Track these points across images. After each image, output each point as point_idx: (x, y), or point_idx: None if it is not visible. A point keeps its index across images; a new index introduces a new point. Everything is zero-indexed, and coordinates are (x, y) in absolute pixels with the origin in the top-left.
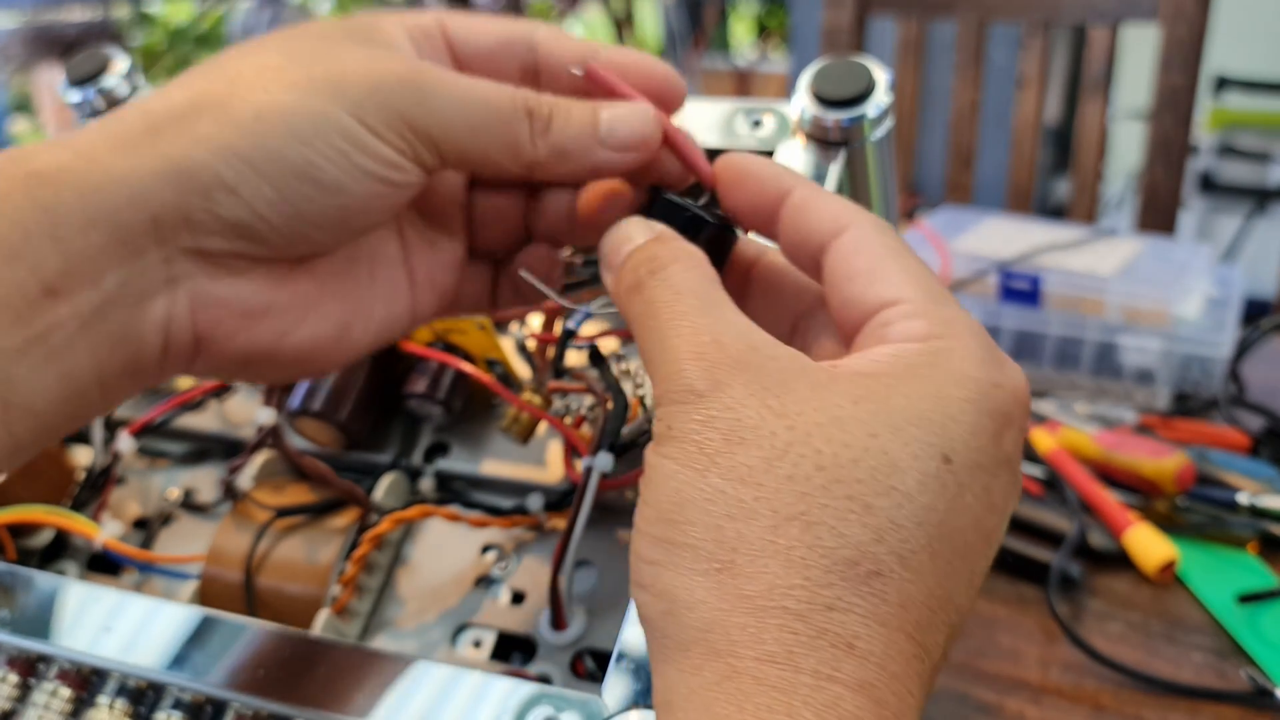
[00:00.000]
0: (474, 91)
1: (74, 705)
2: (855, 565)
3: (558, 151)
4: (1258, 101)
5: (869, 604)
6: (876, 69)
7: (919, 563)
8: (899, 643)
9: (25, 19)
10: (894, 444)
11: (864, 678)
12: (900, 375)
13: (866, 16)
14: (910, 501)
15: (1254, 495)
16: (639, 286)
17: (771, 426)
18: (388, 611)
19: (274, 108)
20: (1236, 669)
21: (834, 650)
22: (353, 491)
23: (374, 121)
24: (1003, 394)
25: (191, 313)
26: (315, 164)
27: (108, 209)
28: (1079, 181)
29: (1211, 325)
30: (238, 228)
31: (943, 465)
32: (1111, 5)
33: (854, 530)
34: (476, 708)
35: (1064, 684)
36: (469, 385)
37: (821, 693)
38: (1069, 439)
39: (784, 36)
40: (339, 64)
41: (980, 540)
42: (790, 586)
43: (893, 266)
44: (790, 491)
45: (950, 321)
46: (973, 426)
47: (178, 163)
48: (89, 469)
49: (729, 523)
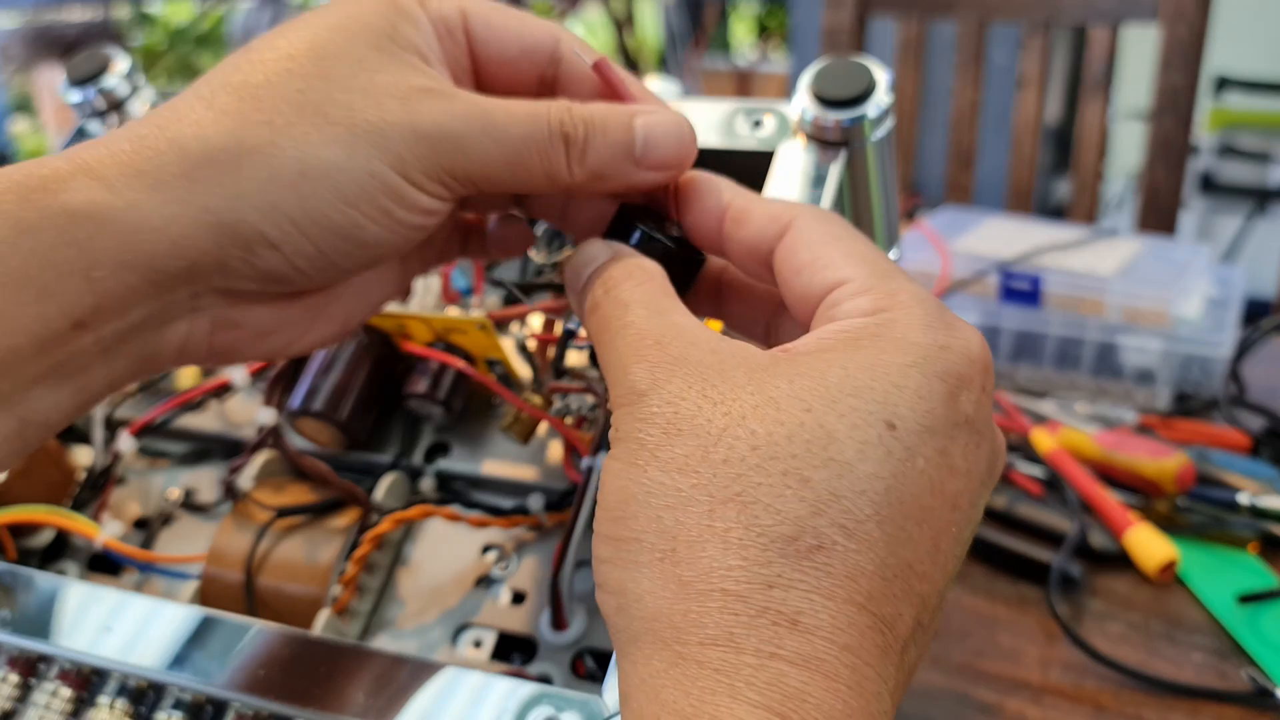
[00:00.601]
0: (511, 128)
1: (74, 705)
2: (794, 540)
3: (594, 175)
4: (1258, 102)
5: (812, 578)
6: (877, 69)
7: (865, 533)
8: (849, 615)
9: (25, 19)
10: (829, 416)
11: (810, 652)
12: (841, 349)
13: (867, 16)
14: (850, 471)
15: (1254, 495)
16: (595, 306)
17: (707, 414)
18: (388, 611)
19: (319, 166)
20: (1237, 669)
21: (776, 628)
22: (353, 491)
23: (417, 175)
24: (951, 355)
25: (210, 334)
26: (360, 225)
27: (145, 255)
28: (1079, 182)
29: (1212, 325)
30: (270, 275)
31: (886, 432)
32: (1112, 5)
33: (791, 505)
34: (477, 708)
35: (1064, 684)
36: (469, 385)
37: (764, 671)
38: (1069, 439)
39: (784, 37)
40: (378, 109)
41: (943, 505)
42: (728, 568)
43: (835, 251)
44: (726, 474)
45: (895, 293)
46: (919, 391)
47: (220, 216)
48: (89, 469)
49: (668, 512)
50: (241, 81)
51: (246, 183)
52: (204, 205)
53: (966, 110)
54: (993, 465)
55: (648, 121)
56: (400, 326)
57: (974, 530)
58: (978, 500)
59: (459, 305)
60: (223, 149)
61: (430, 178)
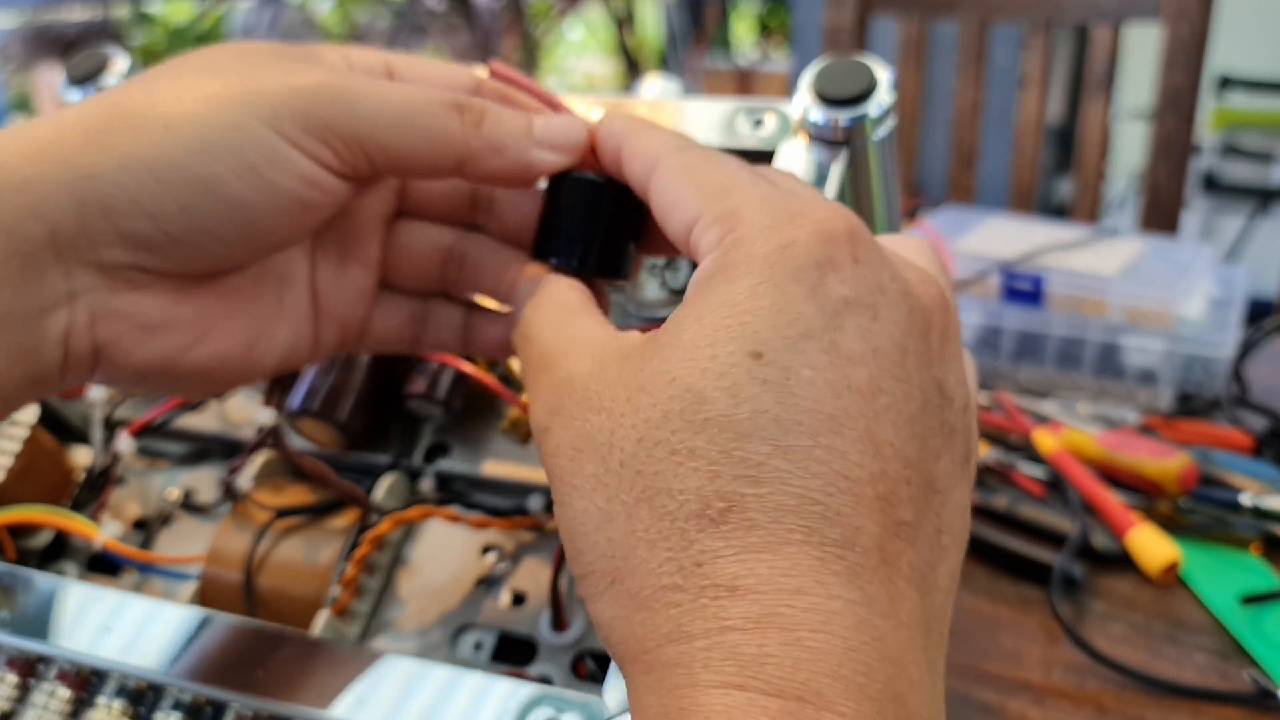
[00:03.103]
0: (402, 91)
1: (74, 706)
2: (704, 513)
3: (492, 145)
4: (1261, 101)
5: (737, 540)
6: (878, 68)
7: (773, 470)
8: (790, 557)
9: (25, 19)
10: (692, 376)
11: (759, 613)
12: (694, 299)
13: (868, 16)
14: (730, 422)
15: (1257, 496)
16: (519, 324)
17: (596, 425)
18: (388, 612)
19: (184, 119)
20: (1239, 670)
21: (718, 602)
22: (353, 492)
23: (291, 131)
24: (801, 247)
25: (90, 325)
26: (220, 178)
27: (6, 218)
28: (1081, 181)
29: (1214, 325)
30: (137, 239)
31: (754, 364)
32: (1114, 4)
33: (689, 480)
34: (477, 709)
35: (1066, 685)
36: (469, 385)
37: (718, 649)
38: (1071, 439)
39: (785, 36)
40: (257, 77)
41: (857, 399)
42: (660, 564)
43: (685, 185)
44: (627, 477)
45: (734, 211)
46: (775, 303)
47: (77, 170)
48: (89, 469)
49: (598, 534)
50: (137, 78)
51: (111, 140)
52: (64, 160)
53: (968, 110)
54: (911, 314)
55: (547, 116)
56: None
57: (935, 392)
58: (905, 365)
59: None
60: (97, 114)
61: (308, 134)
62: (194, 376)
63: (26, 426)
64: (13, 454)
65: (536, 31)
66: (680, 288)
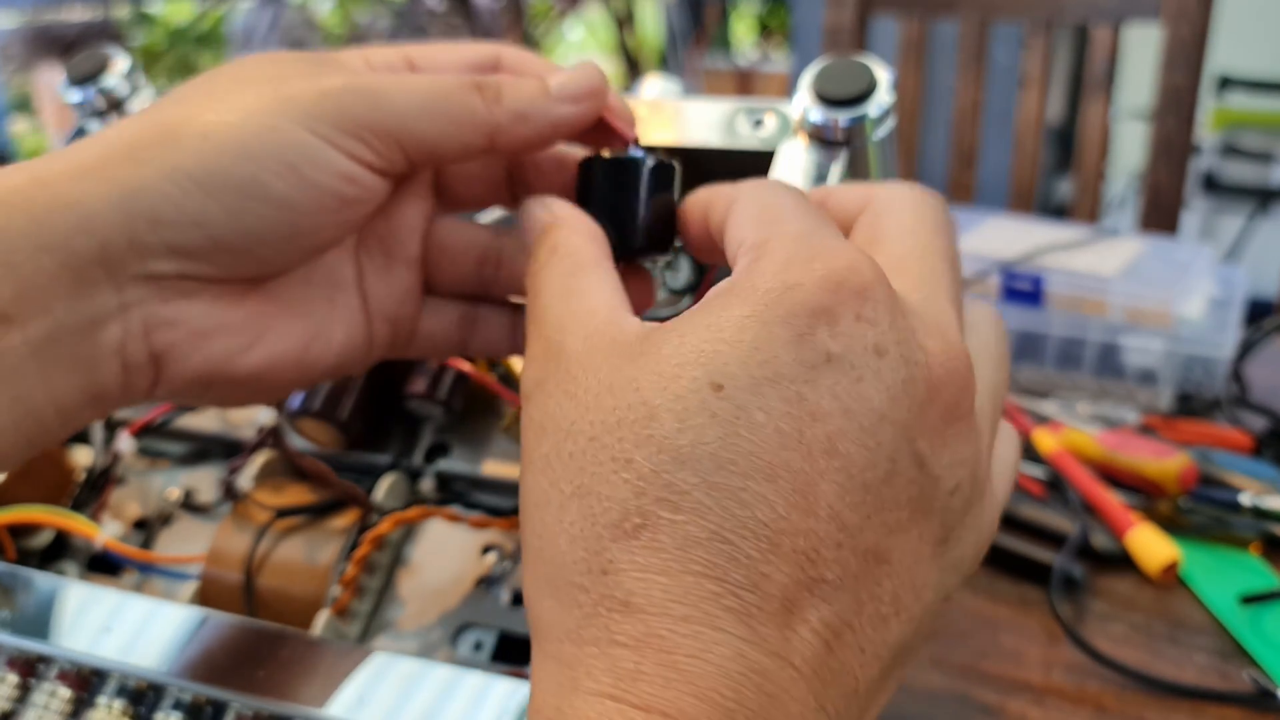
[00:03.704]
0: (422, 81)
1: (74, 706)
2: (621, 524)
3: (516, 114)
4: (1261, 101)
5: (641, 558)
6: (878, 68)
7: (694, 502)
8: (685, 585)
9: (25, 19)
10: (653, 391)
11: (644, 631)
12: (688, 316)
13: (868, 16)
14: (669, 444)
15: (1257, 496)
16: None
17: (564, 409)
18: (388, 612)
19: (221, 127)
20: (1239, 670)
21: (611, 614)
22: (353, 492)
23: (327, 130)
24: (803, 291)
25: (145, 335)
26: (262, 180)
27: (58, 235)
28: (1081, 181)
29: (1214, 325)
30: (185, 249)
31: (711, 395)
32: (1114, 4)
33: (618, 490)
34: (477, 709)
35: (1066, 685)
36: (469, 385)
37: (602, 659)
38: (1071, 439)
39: (785, 36)
40: (287, 83)
41: (804, 454)
42: (575, 561)
43: (748, 208)
44: (571, 469)
45: (767, 240)
46: (754, 342)
47: (123, 185)
48: (89, 469)
49: (535, 512)
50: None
51: (152, 154)
52: (110, 177)
53: (968, 110)
54: (908, 384)
55: (559, 72)
56: None
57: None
58: (878, 434)
59: None
60: (140, 131)
61: (343, 132)
62: (252, 380)
63: None
64: None
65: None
66: (679, 288)
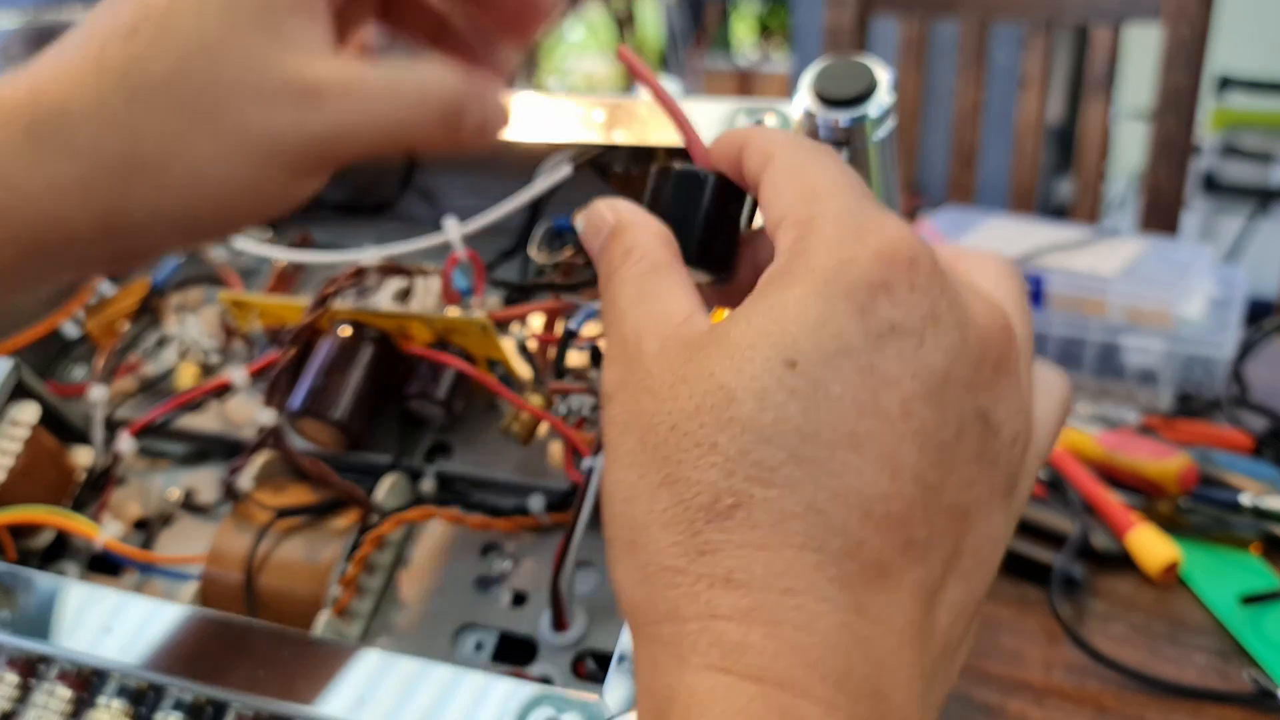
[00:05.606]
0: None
1: (74, 706)
2: (713, 506)
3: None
4: (1261, 101)
5: (738, 536)
6: (878, 69)
7: (785, 476)
8: (786, 559)
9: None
10: (728, 375)
11: (747, 605)
12: (751, 301)
13: (868, 16)
14: (752, 424)
15: (1257, 496)
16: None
17: (645, 405)
18: (389, 613)
19: (208, 180)
20: (1239, 670)
21: (711, 590)
22: (353, 492)
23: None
24: (859, 266)
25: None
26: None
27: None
28: (1081, 181)
29: (1214, 326)
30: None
31: (787, 372)
32: (1114, 5)
33: (706, 474)
34: (478, 709)
35: (1066, 685)
36: (470, 386)
37: (706, 634)
38: (1071, 440)
39: (786, 36)
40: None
41: (883, 421)
42: (669, 545)
43: (785, 183)
44: (656, 460)
45: (812, 218)
46: (820, 318)
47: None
48: (89, 469)
49: (625, 506)
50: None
51: (136, 190)
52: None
53: (968, 110)
54: (963, 343)
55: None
56: (400, 327)
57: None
58: (945, 393)
59: (459, 305)
60: (117, 156)
61: (323, 168)
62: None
63: (28, 427)
64: (14, 454)
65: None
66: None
